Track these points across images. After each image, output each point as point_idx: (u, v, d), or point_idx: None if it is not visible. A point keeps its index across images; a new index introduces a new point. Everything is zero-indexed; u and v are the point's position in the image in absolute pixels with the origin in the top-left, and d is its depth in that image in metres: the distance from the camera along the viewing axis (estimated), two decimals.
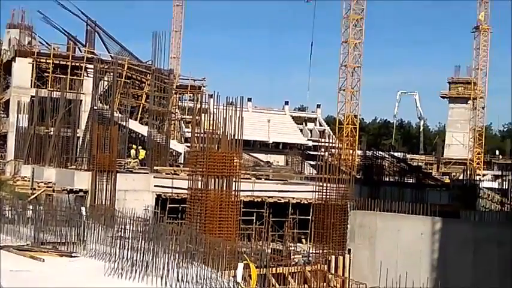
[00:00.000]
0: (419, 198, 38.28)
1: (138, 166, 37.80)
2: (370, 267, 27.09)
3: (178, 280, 13.99)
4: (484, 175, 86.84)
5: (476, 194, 47.18)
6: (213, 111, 30.05)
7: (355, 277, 26.23)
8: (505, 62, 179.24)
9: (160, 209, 30.65)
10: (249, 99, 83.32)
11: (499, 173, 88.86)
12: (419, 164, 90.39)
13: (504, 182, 64.07)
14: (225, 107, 28.58)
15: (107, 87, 42.84)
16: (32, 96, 47.34)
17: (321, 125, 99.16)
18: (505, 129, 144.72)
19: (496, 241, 26.67)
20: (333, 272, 28.68)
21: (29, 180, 34.29)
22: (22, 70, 50.19)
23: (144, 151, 39.90)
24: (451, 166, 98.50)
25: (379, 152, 59.12)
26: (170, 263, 14.70)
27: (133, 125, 45.03)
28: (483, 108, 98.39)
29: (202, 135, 29.97)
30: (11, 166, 44.54)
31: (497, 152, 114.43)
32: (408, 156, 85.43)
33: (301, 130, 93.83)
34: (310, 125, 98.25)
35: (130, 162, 37.60)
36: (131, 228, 17.40)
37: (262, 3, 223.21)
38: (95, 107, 38.17)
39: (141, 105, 47.93)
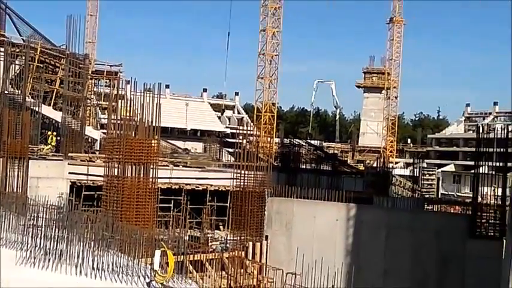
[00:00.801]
0: (335, 185, 39.02)
1: (51, 153, 36.89)
2: (286, 253, 27.45)
3: (93, 268, 13.81)
4: (396, 163, 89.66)
5: (389, 181, 48.52)
6: (130, 98, 29.70)
7: (272, 263, 26.53)
8: (418, 52, 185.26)
9: (75, 197, 30.13)
10: (167, 86, 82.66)
11: (411, 160, 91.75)
12: (335, 151, 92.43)
13: (415, 170, 66.53)
14: (142, 93, 28.29)
15: (18, 72, 41.76)
16: None
17: (239, 113, 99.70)
18: (416, 119, 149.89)
19: (407, 227, 27.54)
20: (250, 258, 28.95)
21: None
22: None
23: (55, 138, 38.93)
24: (365, 154, 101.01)
25: (296, 140, 60.10)
26: (85, 251, 14.52)
27: (47, 110, 43.86)
28: (396, 98, 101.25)
29: (118, 121, 29.45)
30: None
31: (409, 141, 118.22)
32: (324, 144, 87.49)
33: (219, 117, 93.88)
34: (229, 113, 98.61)
35: (43, 148, 36.62)
36: (44, 216, 16.98)
37: None
38: (6, 92, 37.16)
39: (55, 90, 46.65)
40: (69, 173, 31.42)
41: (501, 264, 20.08)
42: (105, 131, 43.75)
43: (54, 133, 39.98)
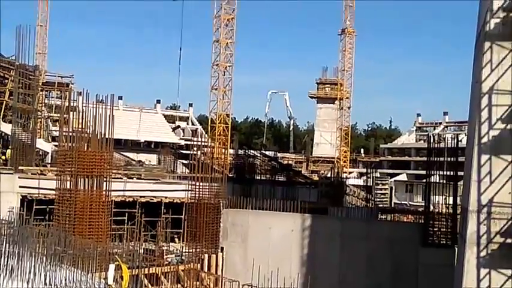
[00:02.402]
0: (290, 195, 39.18)
1: (1, 167, 36.14)
2: (243, 265, 27.38)
3: (45, 284, 13.56)
4: (350, 173, 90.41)
5: (343, 191, 48.94)
6: (82, 109, 29.28)
7: (229, 275, 26.40)
8: (369, 64, 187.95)
9: (26, 211, 29.49)
10: (120, 98, 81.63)
11: (364, 170, 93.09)
12: (290, 162, 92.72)
13: (368, 179, 67.25)
14: (94, 105, 28.16)
15: None
16: None
17: (193, 124, 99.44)
18: (369, 129, 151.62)
19: (361, 236, 27.76)
20: (206, 270, 28.83)
21: None
22: None
23: (4, 152, 38.22)
24: (319, 164, 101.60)
25: (251, 151, 60.19)
26: (37, 266, 14.27)
27: None
28: (349, 108, 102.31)
29: (70, 133, 29.12)
30: None
31: (362, 151, 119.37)
32: (279, 154, 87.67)
33: (173, 129, 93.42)
34: (183, 124, 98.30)
35: None
36: None
37: (133, 2, 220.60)
38: None
39: (4, 102, 45.73)
40: (20, 186, 30.82)
41: (453, 271, 20.36)
42: (56, 143, 43.16)
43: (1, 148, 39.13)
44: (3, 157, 37.34)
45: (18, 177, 31.73)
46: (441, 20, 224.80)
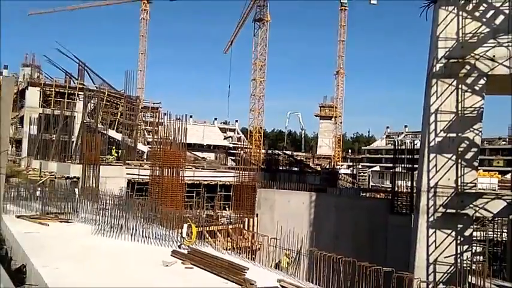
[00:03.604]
0: (301, 180, 38.99)
1: (114, 161, 36.59)
2: (270, 225, 27.40)
3: (142, 236, 13.75)
4: (341, 165, 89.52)
5: (337, 177, 48.66)
6: (167, 124, 29.57)
7: (261, 231, 26.42)
8: (354, 93, 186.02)
9: (130, 189, 29.86)
10: (190, 116, 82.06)
11: (351, 164, 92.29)
12: (301, 158, 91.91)
13: (354, 170, 66.53)
14: (174, 121, 28.35)
15: (93, 107, 41.56)
16: (40, 113, 45.64)
17: (238, 133, 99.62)
18: (354, 136, 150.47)
19: (349, 207, 27.64)
20: (246, 228, 28.90)
21: (37, 171, 32.99)
22: (32, 95, 48.27)
23: (117, 152, 38.57)
24: (321, 159, 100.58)
25: (276, 151, 60.15)
26: (137, 225, 14.45)
27: (112, 133, 43.51)
28: (341, 123, 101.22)
29: (159, 140, 29.43)
30: (25, 161, 42.81)
31: (349, 151, 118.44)
32: (294, 153, 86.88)
33: (225, 137, 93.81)
34: (231, 133, 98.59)
35: (109, 158, 36.29)
36: (110, 202, 16.97)
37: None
38: (85, 121, 37.05)
39: (117, 119, 46.40)
40: (127, 174, 31.17)
41: (411, 230, 20.15)
42: (150, 146, 43.60)
43: (114, 148, 39.61)
44: (116, 155, 37.74)
45: (126, 168, 32.07)
46: (404, 65, 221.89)
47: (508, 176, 40.78)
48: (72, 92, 48.30)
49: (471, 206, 18.19)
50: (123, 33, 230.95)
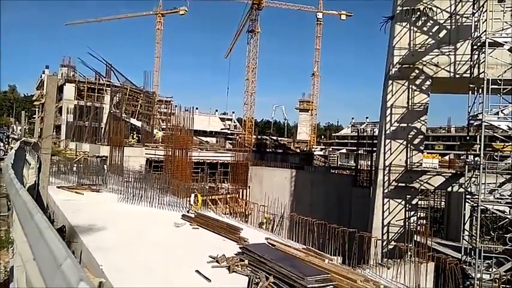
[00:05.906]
0: (284, 159, 39.12)
1: (135, 143, 36.35)
2: (260, 195, 27.52)
3: (159, 204, 13.76)
4: (316, 148, 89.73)
5: (313, 158, 48.88)
6: (177, 114, 29.36)
7: (252, 200, 26.56)
8: (327, 90, 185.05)
9: (148, 166, 29.78)
10: (196, 108, 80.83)
11: (323, 147, 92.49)
12: (284, 142, 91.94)
13: (326, 152, 66.54)
14: (183, 112, 28.19)
15: (118, 100, 41.13)
16: (75, 105, 45.26)
17: (234, 122, 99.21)
18: (326, 125, 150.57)
19: (322, 181, 27.79)
20: (241, 197, 28.97)
21: (73, 150, 32.77)
22: (69, 90, 47.76)
23: (136, 135, 38.23)
24: (300, 143, 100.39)
25: (264, 137, 60.09)
26: (154, 195, 14.45)
27: (133, 121, 43.13)
28: (316, 114, 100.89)
29: (171, 126, 29.23)
30: (63, 143, 42.54)
31: (322, 137, 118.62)
32: (279, 138, 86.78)
33: (224, 125, 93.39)
34: (229, 122, 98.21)
35: (131, 141, 36.06)
36: (132, 176, 16.88)
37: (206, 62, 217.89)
38: (111, 111, 36.72)
39: (138, 110, 45.95)
40: (145, 153, 31.03)
41: (370, 200, 20.40)
42: (164, 131, 43.34)
43: (135, 134, 39.29)
44: (136, 138, 37.47)
45: (145, 149, 31.97)
46: (366, 69, 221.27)
47: (447, 158, 41.27)
48: (100, 87, 47.66)
49: (417, 180, 18.43)
50: (142, 40, 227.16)
